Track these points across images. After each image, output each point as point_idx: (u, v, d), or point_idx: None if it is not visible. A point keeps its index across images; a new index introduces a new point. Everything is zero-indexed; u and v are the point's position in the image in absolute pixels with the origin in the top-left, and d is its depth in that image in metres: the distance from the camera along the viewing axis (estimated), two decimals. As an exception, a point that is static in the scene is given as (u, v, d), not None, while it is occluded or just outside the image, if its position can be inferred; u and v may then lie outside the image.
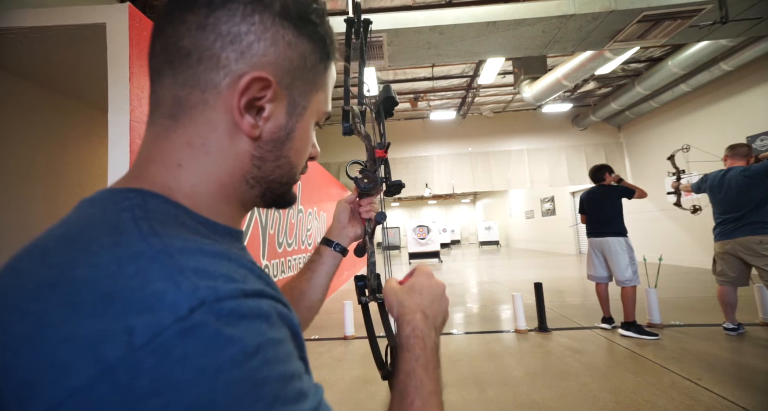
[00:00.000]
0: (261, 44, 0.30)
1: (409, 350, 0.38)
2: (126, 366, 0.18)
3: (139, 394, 0.18)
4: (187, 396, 0.18)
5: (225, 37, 0.30)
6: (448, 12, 3.20)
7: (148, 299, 0.20)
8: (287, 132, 0.34)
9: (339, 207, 0.61)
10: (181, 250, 0.23)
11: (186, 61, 0.30)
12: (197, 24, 0.29)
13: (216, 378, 0.19)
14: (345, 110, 0.56)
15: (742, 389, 1.92)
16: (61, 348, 0.18)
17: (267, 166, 0.34)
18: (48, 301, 0.20)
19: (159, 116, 0.31)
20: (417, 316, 0.41)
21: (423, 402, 0.34)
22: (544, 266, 8.28)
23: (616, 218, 3.13)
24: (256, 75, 0.30)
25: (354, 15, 0.62)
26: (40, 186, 2.68)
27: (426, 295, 0.44)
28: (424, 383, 0.35)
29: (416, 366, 0.36)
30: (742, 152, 2.83)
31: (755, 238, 2.61)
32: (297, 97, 0.34)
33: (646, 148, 7.53)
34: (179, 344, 0.19)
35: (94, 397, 0.17)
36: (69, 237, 0.24)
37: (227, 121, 0.31)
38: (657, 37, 3.47)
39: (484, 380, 2.21)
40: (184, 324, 0.19)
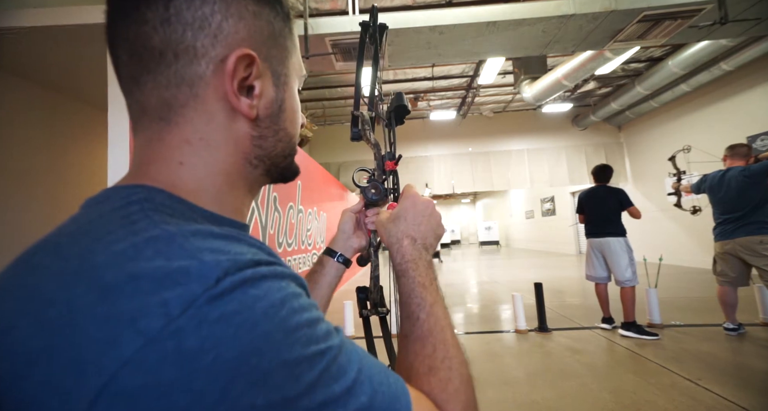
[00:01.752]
0: (230, 22, 0.29)
1: (404, 275, 0.40)
2: (169, 333, 0.19)
3: (189, 354, 0.19)
4: (233, 349, 0.19)
5: (193, 25, 0.28)
6: (448, 12, 3.20)
7: (174, 274, 0.20)
8: (279, 104, 0.34)
9: (344, 217, 0.59)
10: (194, 232, 0.23)
11: (162, 61, 0.28)
12: (159, 19, 0.28)
13: (254, 330, 0.20)
14: (354, 115, 0.54)
15: (742, 389, 1.92)
16: (102, 326, 0.19)
17: (268, 143, 0.34)
18: (75, 288, 0.21)
19: (148, 122, 0.30)
20: (404, 243, 0.42)
21: (427, 314, 0.36)
22: (544, 266, 8.28)
23: (616, 218, 3.13)
24: (239, 53, 0.29)
25: (370, 19, 0.59)
26: (40, 186, 2.67)
27: (411, 219, 0.44)
28: (425, 298, 0.37)
29: (414, 286, 0.38)
30: (742, 152, 2.83)
31: (755, 238, 2.61)
32: (277, 67, 0.33)
33: (646, 148, 7.53)
34: (213, 308, 0.20)
35: (147, 363, 0.18)
36: (80, 231, 0.25)
37: (223, 109, 0.30)
38: (657, 37, 3.47)
39: (484, 380, 2.21)
40: (214, 291, 0.20)
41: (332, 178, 6.77)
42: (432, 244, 0.44)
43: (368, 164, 0.59)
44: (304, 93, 6.50)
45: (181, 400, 0.18)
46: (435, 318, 0.36)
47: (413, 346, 0.35)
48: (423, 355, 0.34)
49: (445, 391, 0.32)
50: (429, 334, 0.35)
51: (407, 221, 0.44)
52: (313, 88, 6.46)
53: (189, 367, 0.18)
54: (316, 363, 0.22)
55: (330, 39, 3.15)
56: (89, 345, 0.19)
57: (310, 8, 3.74)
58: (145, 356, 0.18)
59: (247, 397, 0.19)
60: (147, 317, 0.19)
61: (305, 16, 3.01)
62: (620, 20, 3.17)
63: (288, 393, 0.20)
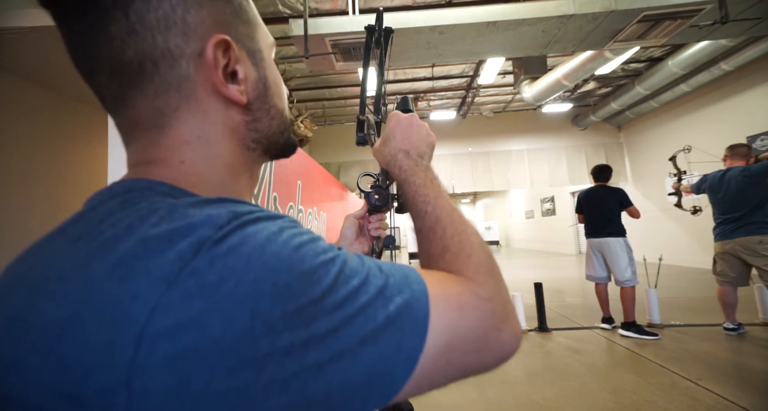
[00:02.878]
0: (192, 12, 0.28)
1: (405, 183, 0.42)
2: (186, 275, 0.20)
3: (211, 287, 0.20)
4: (249, 272, 0.21)
5: (159, 27, 0.27)
6: (448, 12, 3.20)
7: (181, 230, 0.22)
8: (263, 82, 0.34)
9: (347, 222, 0.58)
10: (193, 203, 0.24)
11: (144, 72, 0.28)
12: (125, 30, 0.27)
13: (263, 254, 0.22)
14: (360, 120, 0.54)
15: (742, 389, 1.92)
16: (123, 286, 0.20)
17: (263, 124, 0.34)
18: (88, 262, 0.21)
19: (140, 133, 0.30)
20: (399, 157, 0.44)
21: (433, 206, 0.38)
22: (544, 266, 8.28)
23: (615, 219, 3.12)
24: (214, 41, 0.29)
25: (376, 23, 0.58)
26: (40, 186, 2.67)
27: (399, 136, 0.46)
28: (428, 194, 0.39)
29: (416, 189, 0.40)
30: (742, 152, 2.83)
31: (755, 238, 2.61)
32: (249, 45, 0.33)
33: (646, 148, 7.52)
34: (221, 246, 0.21)
35: (174, 304, 0.19)
36: (85, 217, 0.25)
37: (215, 103, 0.30)
38: (657, 37, 3.46)
39: (484, 380, 2.21)
40: (219, 234, 0.22)
41: (332, 178, 6.75)
42: (425, 152, 0.46)
43: (369, 164, 0.59)
44: (304, 93, 6.50)
45: (216, 327, 0.19)
46: (441, 207, 0.37)
47: (426, 237, 0.37)
48: (435, 240, 0.35)
49: (459, 259, 0.33)
50: (438, 222, 0.36)
51: (396, 139, 0.46)
52: (313, 88, 6.45)
53: (214, 298, 0.20)
54: (330, 268, 0.24)
55: (330, 39, 3.15)
56: (115, 305, 0.20)
57: (310, 8, 3.74)
58: (169, 299, 0.19)
59: (277, 308, 0.21)
60: (162, 267, 0.20)
61: (305, 16, 3.01)
62: (620, 20, 3.16)
63: (313, 295, 0.22)
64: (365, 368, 0.23)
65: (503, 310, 0.29)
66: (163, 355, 0.19)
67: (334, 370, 0.22)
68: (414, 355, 0.24)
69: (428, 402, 1.98)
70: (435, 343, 0.25)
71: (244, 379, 0.20)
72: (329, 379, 0.22)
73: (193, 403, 0.19)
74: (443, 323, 0.26)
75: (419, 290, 0.26)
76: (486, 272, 0.31)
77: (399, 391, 0.24)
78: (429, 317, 0.25)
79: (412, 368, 0.24)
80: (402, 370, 0.24)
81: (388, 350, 0.23)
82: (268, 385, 0.20)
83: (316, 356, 0.21)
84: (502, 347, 0.28)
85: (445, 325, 0.26)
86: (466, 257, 0.33)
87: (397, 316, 0.24)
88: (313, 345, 0.21)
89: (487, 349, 0.27)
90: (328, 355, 0.22)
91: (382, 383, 0.23)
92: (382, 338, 0.23)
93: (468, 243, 0.34)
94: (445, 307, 0.26)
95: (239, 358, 0.20)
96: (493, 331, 0.28)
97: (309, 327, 0.21)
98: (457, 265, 0.32)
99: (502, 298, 0.30)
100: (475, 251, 0.33)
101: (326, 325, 0.22)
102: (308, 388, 0.21)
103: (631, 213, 3.13)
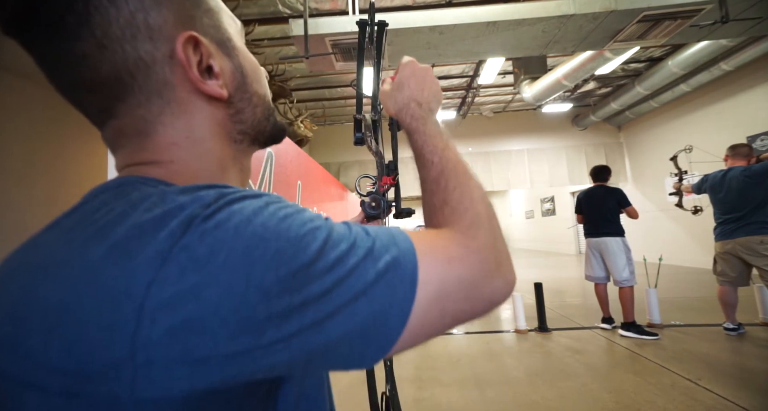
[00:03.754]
0: (152, 13, 0.28)
1: (415, 132, 0.42)
2: (178, 250, 0.21)
3: (203, 259, 0.21)
4: (239, 242, 0.21)
5: (125, 37, 0.27)
6: (448, 12, 3.20)
7: (172, 211, 0.22)
8: (240, 71, 0.34)
9: None
10: (183, 190, 0.25)
11: (122, 84, 0.28)
12: (94, 47, 0.27)
13: (250, 225, 0.22)
14: (357, 119, 0.53)
15: (742, 389, 1.92)
16: (119, 266, 0.21)
17: (246, 115, 0.34)
18: (85, 248, 0.22)
19: (127, 139, 0.30)
20: (412, 105, 0.43)
21: (439, 157, 0.38)
22: (544, 266, 8.28)
23: (614, 218, 3.13)
24: (182, 40, 0.29)
25: (369, 17, 0.57)
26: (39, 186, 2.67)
27: (414, 86, 0.45)
28: (436, 145, 0.39)
29: (425, 138, 0.40)
30: (743, 152, 2.83)
31: (756, 238, 2.61)
32: (217, 35, 0.32)
33: (646, 148, 7.52)
34: (209, 222, 0.22)
35: (169, 277, 0.20)
36: (78, 210, 0.26)
37: (197, 101, 0.30)
38: (657, 37, 3.46)
39: (484, 380, 2.21)
40: (207, 211, 0.22)
41: (332, 178, 6.76)
42: (434, 109, 0.45)
43: (369, 164, 0.58)
44: (304, 93, 6.49)
45: (212, 296, 0.20)
46: (446, 159, 0.37)
47: (430, 188, 0.37)
48: (438, 192, 0.35)
49: (455, 214, 0.33)
50: (441, 173, 0.36)
51: (411, 87, 0.45)
52: (313, 88, 6.44)
53: (207, 269, 0.20)
54: (317, 234, 0.24)
55: (330, 39, 3.15)
56: (113, 283, 0.20)
57: (310, 8, 3.73)
58: (165, 274, 0.20)
59: (270, 274, 0.21)
60: (155, 245, 0.21)
61: (305, 16, 3.01)
62: (620, 20, 3.16)
63: (303, 260, 0.22)
64: (360, 322, 0.23)
65: (495, 259, 0.29)
66: (164, 327, 0.19)
67: (330, 326, 0.23)
68: (406, 308, 0.25)
69: (428, 402, 1.98)
70: (426, 295, 0.26)
71: (246, 343, 0.21)
72: (327, 335, 0.23)
73: (198, 370, 0.20)
74: (432, 276, 0.26)
75: (406, 247, 0.27)
76: (479, 225, 0.31)
77: (395, 342, 0.25)
78: (417, 271, 0.26)
79: (405, 320, 0.25)
80: (395, 322, 0.25)
81: (380, 304, 0.24)
82: (268, 346, 0.21)
83: (313, 316, 0.22)
84: (494, 295, 0.28)
85: (434, 278, 0.26)
86: (463, 211, 0.33)
87: (386, 271, 0.25)
88: (308, 307, 0.22)
89: (479, 297, 0.28)
90: (323, 314, 0.22)
91: (378, 335, 0.24)
92: (373, 294, 0.24)
93: (467, 196, 0.34)
94: (433, 261, 0.27)
95: (238, 325, 0.20)
96: (484, 279, 0.28)
97: (302, 290, 0.22)
98: (453, 219, 0.32)
99: (495, 249, 0.30)
100: (473, 204, 0.33)
101: (319, 288, 0.23)
102: (307, 344, 0.22)
103: (630, 213, 3.13)
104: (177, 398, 0.20)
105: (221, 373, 0.21)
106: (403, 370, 2.42)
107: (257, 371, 0.22)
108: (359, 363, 0.25)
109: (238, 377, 0.21)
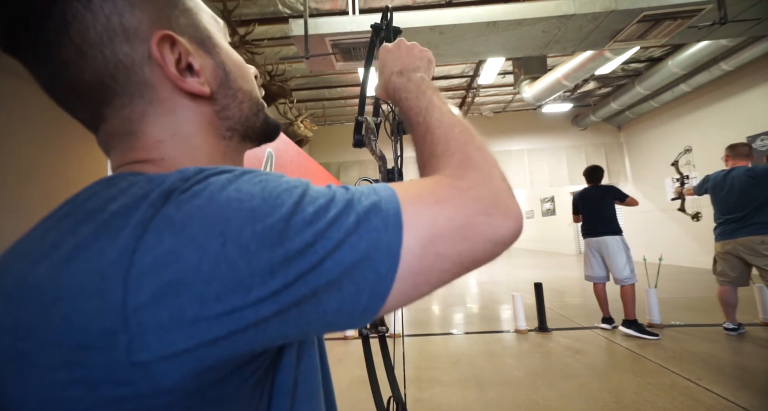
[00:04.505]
0: (127, 15, 0.28)
1: (399, 102, 0.41)
2: (159, 219, 0.22)
3: (180, 224, 0.21)
4: (213, 205, 0.22)
5: (103, 41, 0.28)
6: (448, 12, 3.20)
7: (154, 185, 0.24)
8: (222, 68, 0.34)
9: None
10: (170, 173, 0.26)
11: (105, 88, 0.29)
12: (75, 53, 0.27)
13: (224, 190, 0.23)
14: (358, 121, 0.52)
15: (742, 389, 1.92)
16: (107, 238, 0.22)
17: (232, 110, 0.34)
18: (74, 230, 0.23)
19: (116, 140, 0.31)
20: (392, 79, 0.43)
21: (424, 115, 0.37)
22: (544, 266, 8.27)
23: (611, 217, 3.14)
24: (156, 40, 0.29)
25: (382, 21, 0.55)
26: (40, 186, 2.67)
27: (390, 60, 0.45)
28: (420, 105, 0.38)
29: (409, 103, 0.40)
30: (744, 152, 2.84)
31: (757, 238, 2.61)
32: (195, 34, 0.32)
33: (646, 148, 7.52)
34: (187, 193, 0.23)
35: (150, 243, 0.21)
36: (70, 202, 0.26)
37: (180, 99, 0.31)
38: (657, 37, 3.46)
39: (484, 380, 2.21)
40: (186, 185, 0.23)
41: (332, 178, 6.76)
42: (420, 66, 0.44)
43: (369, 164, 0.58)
44: (304, 93, 6.49)
45: (192, 257, 0.21)
46: (430, 114, 0.37)
47: (420, 148, 0.36)
48: (425, 148, 0.35)
49: (442, 160, 0.32)
50: (428, 129, 0.36)
51: (388, 65, 0.45)
52: (313, 88, 6.44)
53: (184, 232, 0.21)
54: (293, 191, 0.24)
55: (330, 39, 3.15)
56: (100, 256, 0.21)
57: (310, 8, 3.74)
58: (146, 241, 0.21)
59: (246, 230, 0.22)
60: (138, 217, 0.22)
61: (305, 16, 3.01)
62: (620, 20, 3.16)
63: (280, 214, 0.23)
64: (347, 270, 0.23)
65: (491, 195, 0.28)
66: (150, 291, 0.20)
67: (317, 277, 0.23)
68: (394, 251, 0.24)
69: (428, 402, 1.98)
70: (415, 237, 0.25)
71: (234, 302, 0.21)
72: (315, 287, 0.23)
73: (190, 331, 0.20)
74: (420, 218, 0.25)
75: (387, 194, 0.26)
76: (469, 164, 0.31)
77: (389, 288, 0.24)
78: (401, 214, 0.25)
79: (395, 264, 0.24)
80: (385, 267, 0.24)
81: (365, 249, 0.24)
82: (257, 304, 0.21)
83: (297, 270, 0.22)
84: (494, 233, 0.27)
85: (422, 220, 0.25)
86: (449, 156, 0.32)
87: (367, 216, 0.24)
88: (292, 261, 0.22)
89: (477, 236, 0.26)
90: (308, 266, 0.22)
91: (369, 282, 0.24)
92: (356, 239, 0.24)
93: (453, 141, 0.33)
94: (419, 204, 0.26)
95: (223, 283, 0.21)
96: (480, 216, 0.27)
97: (283, 244, 0.22)
98: (442, 165, 0.32)
99: (491, 185, 0.29)
100: (459, 148, 0.32)
101: (300, 241, 0.22)
102: (297, 299, 0.22)
103: (630, 203, 3.18)
104: (175, 375, 0.21)
105: (213, 336, 0.21)
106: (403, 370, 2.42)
107: (252, 337, 0.22)
108: (358, 316, 0.24)
109: (234, 345, 0.21)
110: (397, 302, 0.25)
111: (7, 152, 2.50)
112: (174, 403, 0.22)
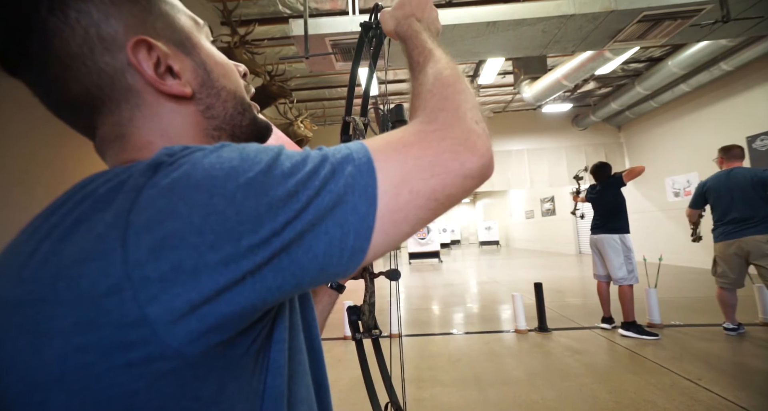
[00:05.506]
0: (103, 25, 0.29)
1: (409, 39, 0.44)
2: (149, 186, 0.23)
3: (167, 188, 0.23)
4: (198, 170, 0.24)
5: (84, 53, 0.29)
6: (448, 12, 3.20)
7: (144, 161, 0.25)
8: (202, 67, 0.34)
9: None
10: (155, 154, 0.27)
11: (93, 98, 0.30)
12: (60, 68, 0.29)
13: (206, 158, 0.24)
14: (346, 121, 0.52)
15: (742, 389, 1.92)
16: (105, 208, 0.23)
17: (217, 109, 0.34)
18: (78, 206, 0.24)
19: (109, 144, 0.32)
20: (411, 19, 0.46)
21: (425, 57, 0.40)
22: (544, 266, 8.27)
23: (611, 215, 3.14)
24: (130, 46, 0.30)
25: (370, 19, 0.56)
26: (39, 185, 2.67)
27: (415, 5, 0.47)
28: (425, 46, 0.41)
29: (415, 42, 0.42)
30: (738, 153, 2.87)
31: (763, 237, 2.62)
32: (173, 36, 0.33)
33: (646, 148, 7.52)
34: (173, 165, 0.24)
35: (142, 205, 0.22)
36: (65, 191, 0.27)
37: (164, 102, 0.32)
38: (657, 37, 3.46)
39: (484, 380, 2.21)
40: (173, 157, 0.25)
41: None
42: (431, 29, 0.47)
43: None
44: (304, 93, 6.49)
45: (183, 211, 0.22)
46: (431, 57, 0.39)
47: (415, 90, 0.37)
48: (416, 86, 0.37)
49: (418, 108, 0.34)
50: (422, 71, 0.38)
51: (411, 5, 0.47)
52: (313, 88, 6.44)
53: (173, 191, 0.23)
54: (269, 150, 0.26)
55: (330, 39, 3.15)
56: (99, 223, 0.23)
57: (310, 8, 3.74)
58: (139, 203, 0.22)
59: (230, 184, 0.23)
60: (131, 185, 0.23)
61: (305, 16, 3.01)
62: (620, 20, 3.16)
63: (259, 168, 0.24)
64: (327, 213, 0.25)
65: (459, 134, 0.30)
66: (148, 246, 0.21)
67: (302, 222, 0.24)
68: (370, 192, 0.26)
69: (428, 402, 1.98)
70: (388, 178, 0.27)
71: (227, 250, 0.22)
72: (301, 230, 0.24)
73: (191, 281, 0.22)
74: (390, 162, 0.28)
75: (357, 147, 0.29)
76: (441, 108, 0.32)
77: (372, 226, 0.26)
78: (372, 161, 0.27)
79: (372, 204, 0.26)
80: (364, 207, 0.26)
81: (343, 192, 0.26)
82: (249, 252, 0.23)
83: (284, 217, 0.24)
84: (462, 166, 0.29)
85: (393, 163, 0.28)
86: (429, 97, 0.34)
87: (341, 165, 0.27)
88: (277, 209, 0.24)
89: (446, 171, 0.28)
90: (293, 214, 0.24)
91: (352, 223, 0.26)
92: (333, 185, 0.26)
93: (439, 82, 0.35)
94: (388, 150, 0.28)
95: (215, 233, 0.22)
96: (447, 153, 0.29)
97: (267, 193, 0.24)
98: (419, 106, 0.34)
99: (462, 126, 0.31)
100: (441, 88, 0.34)
101: (282, 191, 0.24)
102: (284, 242, 0.24)
103: (631, 174, 3.16)
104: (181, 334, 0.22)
105: (213, 286, 0.22)
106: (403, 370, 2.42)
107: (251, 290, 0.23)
108: (348, 257, 0.26)
109: (235, 299, 0.22)
110: (381, 242, 0.27)
111: (7, 151, 2.50)
112: (181, 369, 0.22)
